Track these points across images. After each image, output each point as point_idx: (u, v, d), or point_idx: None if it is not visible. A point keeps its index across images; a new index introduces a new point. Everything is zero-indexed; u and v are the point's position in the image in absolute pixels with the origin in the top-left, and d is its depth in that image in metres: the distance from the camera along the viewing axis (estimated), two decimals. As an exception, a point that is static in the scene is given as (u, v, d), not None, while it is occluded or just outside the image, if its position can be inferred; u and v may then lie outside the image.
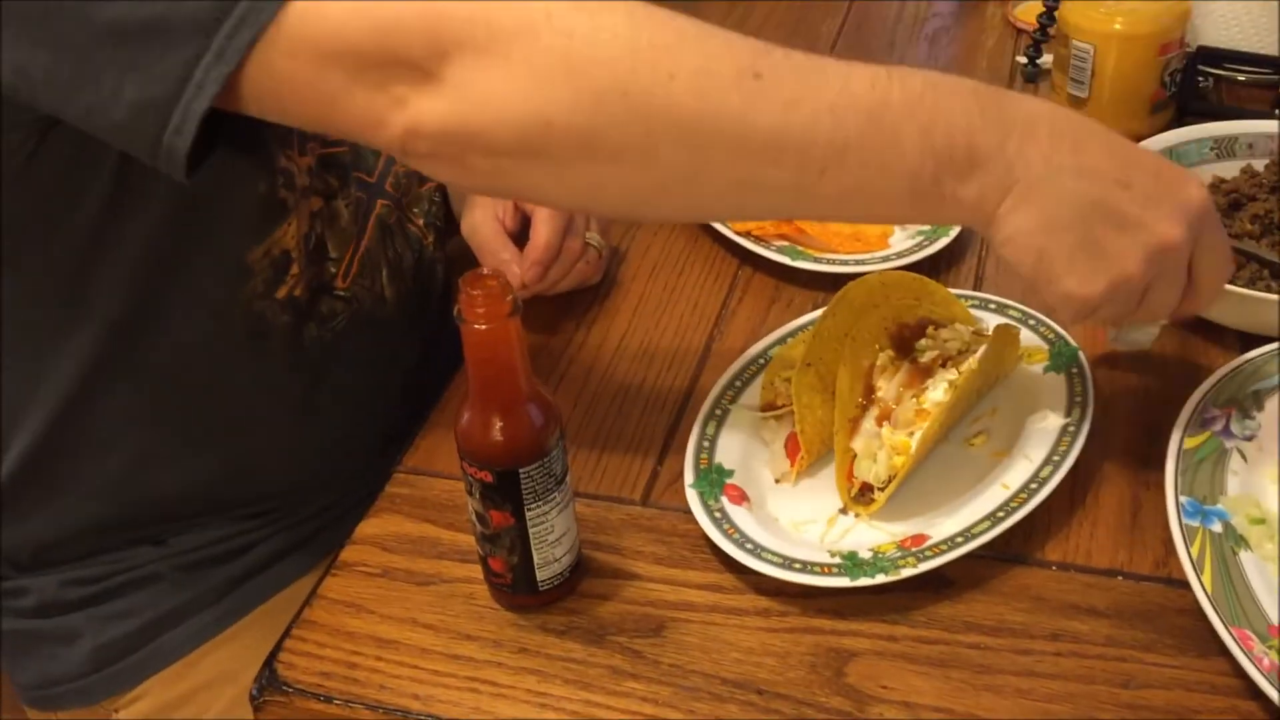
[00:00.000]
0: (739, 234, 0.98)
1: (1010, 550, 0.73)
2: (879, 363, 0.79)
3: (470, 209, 0.94)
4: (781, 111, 0.62)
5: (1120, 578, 0.72)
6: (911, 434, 0.75)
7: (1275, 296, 0.84)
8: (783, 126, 0.62)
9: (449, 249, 1.03)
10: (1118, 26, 1.06)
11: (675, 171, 0.64)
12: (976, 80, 0.67)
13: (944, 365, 0.78)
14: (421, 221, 0.98)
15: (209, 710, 0.89)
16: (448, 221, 1.01)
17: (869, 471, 0.75)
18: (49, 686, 0.90)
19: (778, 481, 0.79)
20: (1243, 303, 0.83)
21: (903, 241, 0.98)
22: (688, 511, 0.77)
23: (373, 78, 0.61)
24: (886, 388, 0.77)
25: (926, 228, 0.99)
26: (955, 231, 0.97)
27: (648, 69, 0.60)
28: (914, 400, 0.76)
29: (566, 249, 0.91)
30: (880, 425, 0.76)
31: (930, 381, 0.77)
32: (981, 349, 0.77)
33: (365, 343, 0.90)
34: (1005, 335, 0.80)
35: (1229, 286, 0.85)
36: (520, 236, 0.93)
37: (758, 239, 0.98)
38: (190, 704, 0.88)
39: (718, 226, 0.99)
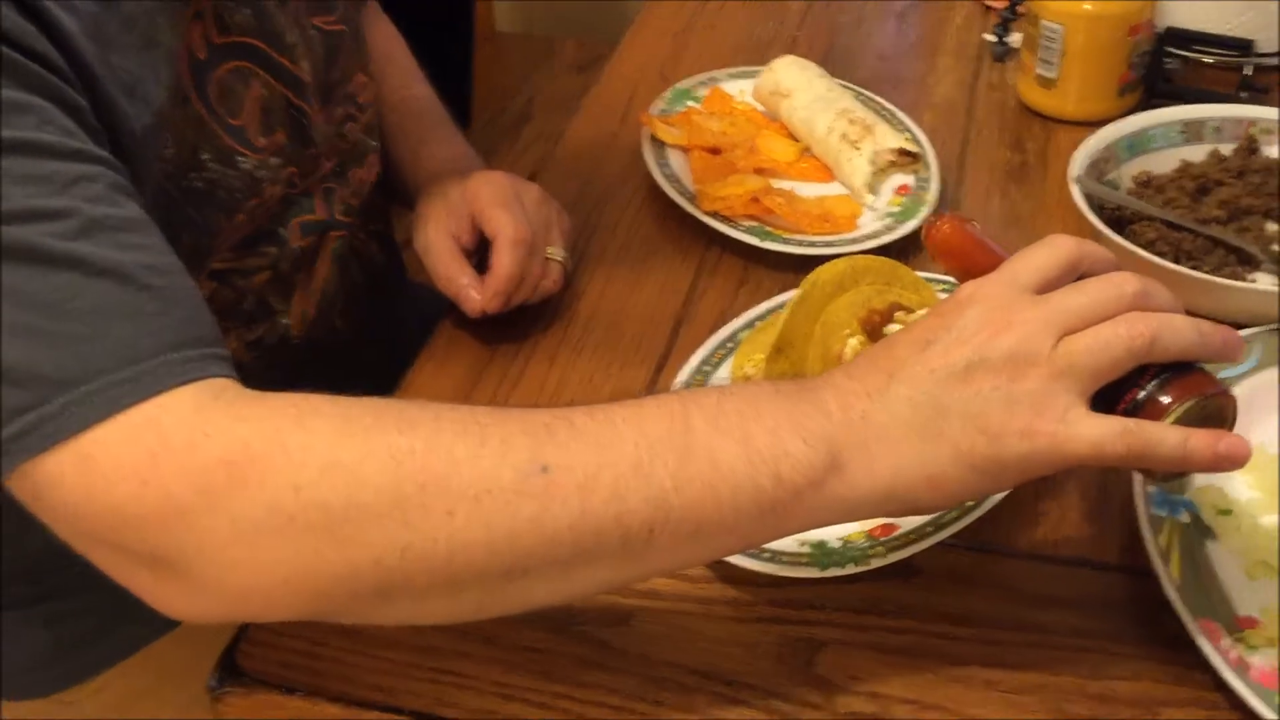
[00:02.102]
0: (707, 214, 0.97)
1: (979, 540, 0.73)
2: (849, 348, 0.78)
3: (423, 224, 0.90)
4: (580, 497, 0.55)
5: (1088, 568, 0.72)
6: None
7: (1245, 284, 0.84)
8: (588, 511, 0.55)
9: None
10: (1087, 6, 1.05)
11: (492, 592, 0.57)
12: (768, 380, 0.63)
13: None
14: (363, 235, 0.94)
15: (169, 704, 0.87)
16: (385, 220, 0.99)
17: (838, 459, 0.75)
18: (10, 676, 0.88)
19: (746, 468, 0.79)
20: (1211, 291, 0.83)
21: (871, 223, 0.97)
22: (655, 498, 0.76)
23: (124, 560, 0.56)
24: (856, 375, 0.77)
25: (896, 208, 0.98)
26: (924, 213, 0.96)
27: (420, 516, 0.54)
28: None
29: (528, 275, 0.87)
30: (850, 413, 0.75)
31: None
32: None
33: (313, 365, 0.89)
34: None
35: (1198, 274, 0.85)
36: (478, 252, 0.90)
37: (725, 219, 0.97)
38: (152, 697, 0.87)
39: (685, 206, 0.98)
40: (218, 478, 0.53)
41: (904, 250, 0.95)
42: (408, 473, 0.54)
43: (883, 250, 0.94)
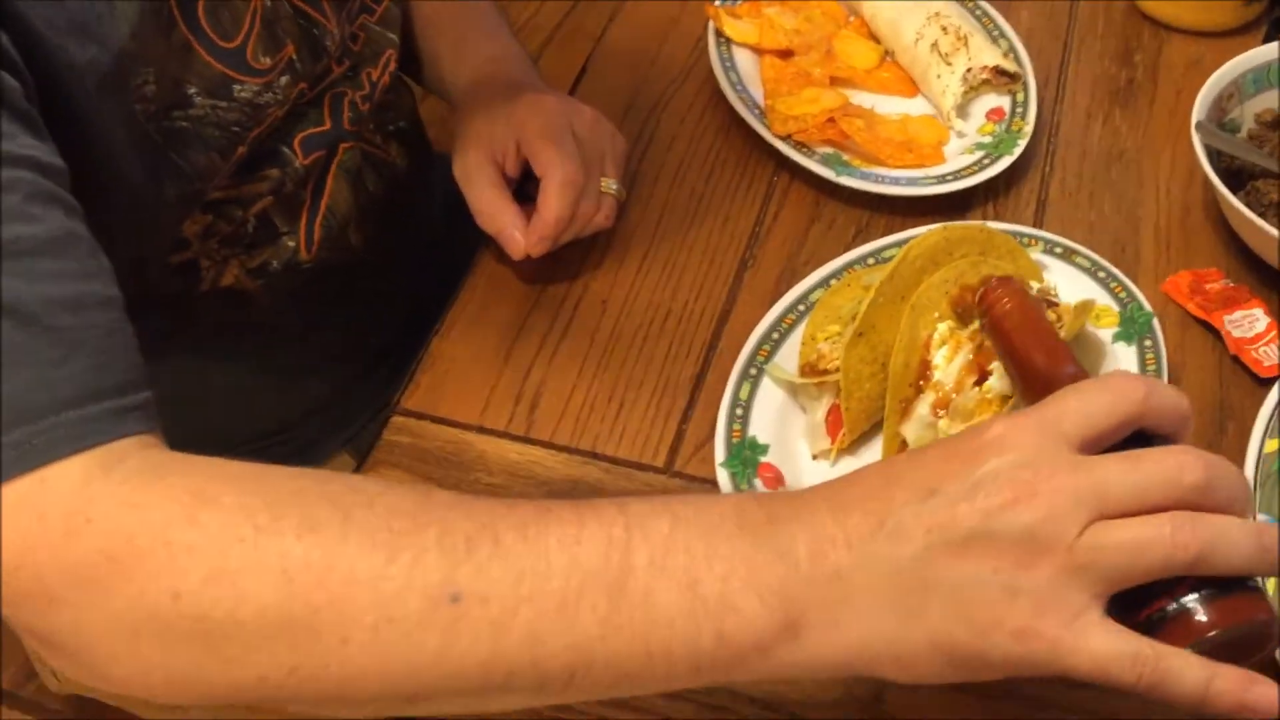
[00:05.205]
0: (778, 137, 0.87)
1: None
2: (938, 334, 0.71)
3: (463, 148, 0.81)
4: (493, 635, 0.48)
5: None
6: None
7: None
8: (499, 652, 0.48)
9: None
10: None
11: (395, 710, 0.51)
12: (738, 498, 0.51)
13: (1010, 344, 0.70)
14: (379, 138, 0.84)
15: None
16: (410, 115, 0.89)
17: (919, 463, 0.68)
18: None
19: (815, 458, 0.72)
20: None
21: (958, 154, 0.88)
22: (716, 485, 0.70)
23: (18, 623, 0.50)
24: (945, 370, 0.69)
25: (987, 138, 0.88)
26: (1019, 150, 0.86)
27: (310, 640, 0.47)
28: (976, 389, 0.68)
29: (578, 215, 0.78)
30: (937, 415, 0.69)
31: (994, 366, 0.69)
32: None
33: (331, 293, 0.82)
34: (1083, 314, 0.72)
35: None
36: (522, 185, 0.81)
37: (799, 144, 0.87)
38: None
39: (755, 126, 0.88)
40: (97, 572, 0.47)
41: (991, 190, 0.86)
42: (299, 591, 0.47)
43: (970, 192, 0.85)
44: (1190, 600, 0.48)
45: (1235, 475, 0.49)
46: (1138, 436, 0.49)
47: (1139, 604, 0.48)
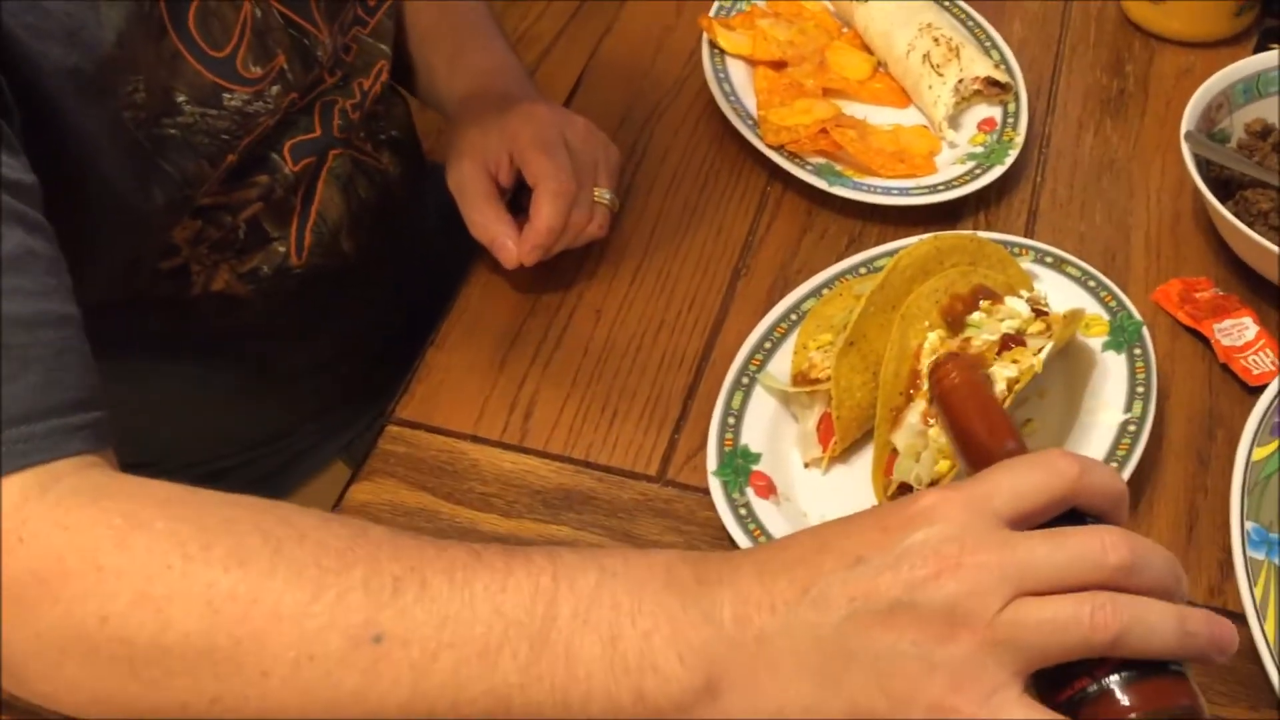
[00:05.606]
0: (771, 148, 0.88)
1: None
2: (928, 343, 0.71)
3: (457, 158, 0.82)
4: (413, 677, 0.48)
5: (1174, 611, 0.67)
6: (960, 437, 0.68)
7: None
8: (419, 694, 0.48)
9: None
10: (1209, -87, 0.93)
11: None
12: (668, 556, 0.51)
13: (1000, 353, 0.71)
14: (370, 147, 0.85)
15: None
16: (403, 125, 0.90)
17: (909, 472, 0.69)
18: None
19: (807, 466, 0.73)
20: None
21: (950, 164, 0.88)
22: (708, 494, 0.71)
23: None
24: (935, 378, 0.70)
25: (978, 148, 0.89)
26: (1011, 160, 0.87)
27: (231, 671, 0.47)
28: (966, 398, 0.69)
29: (571, 225, 0.79)
30: (927, 423, 0.69)
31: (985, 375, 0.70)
32: (1047, 348, 0.69)
33: (323, 300, 0.82)
34: (1073, 323, 0.72)
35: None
36: (516, 196, 0.82)
37: (792, 155, 0.88)
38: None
39: (748, 136, 0.88)
40: (26, 591, 0.48)
41: (982, 199, 0.87)
42: (223, 622, 0.47)
43: (962, 201, 0.86)
44: (1110, 682, 0.47)
45: (1163, 557, 0.49)
46: (1073, 515, 0.49)
47: (1062, 683, 0.48)
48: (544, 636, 0.48)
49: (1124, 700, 0.47)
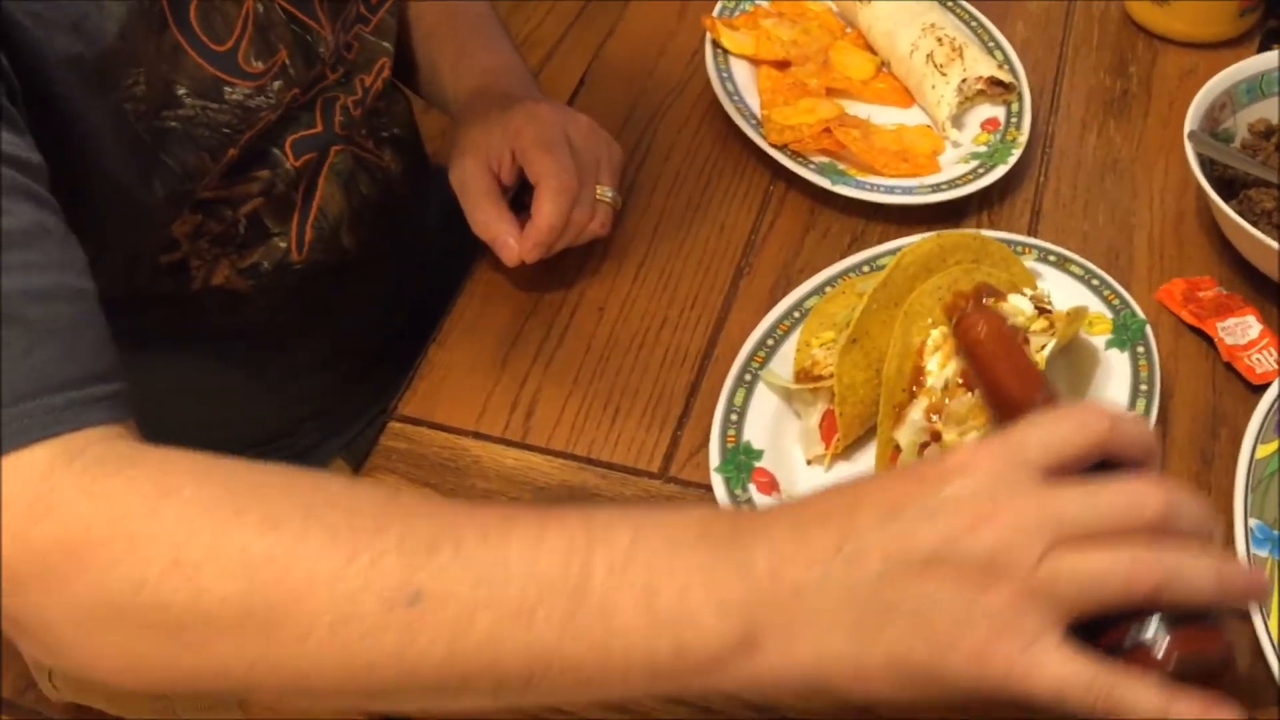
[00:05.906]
0: (775, 147, 0.88)
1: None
2: (931, 340, 0.71)
3: (460, 156, 0.81)
4: (450, 637, 0.48)
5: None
6: (963, 434, 0.68)
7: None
8: (457, 653, 0.48)
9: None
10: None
11: (356, 704, 0.52)
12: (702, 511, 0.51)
13: (1003, 351, 0.70)
14: (371, 143, 0.85)
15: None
16: (405, 122, 0.90)
17: (913, 468, 0.69)
18: None
19: (809, 463, 0.73)
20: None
21: (953, 164, 0.88)
22: (711, 490, 0.71)
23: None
24: (938, 375, 0.70)
25: (981, 147, 0.89)
26: (1014, 159, 0.87)
27: (269, 634, 0.48)
28: (968, 395, 0.69)
29: (572, 223, 0.79)
30: (930, 420, 0.69)
31: (987, 372, 0.70)
32: (1050, 345, 0.69)
33: (324, 296, 0.82)
34: (1076, 321, 0.72)
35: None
36: (519, 195, 0.82)
37: (795, 154, 0.88)
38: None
39: (751, 136, 0.88)
40: (56, 560, 0.48)
41: (985, 198, 0.87)
42: (259, 586, 0.47)
43: (965, 199, 0.86)
44: (1147, 630, 0.48)
45: (1197, 506, 0.49)
46: (1106, 466, 0.50)
47: (1099, 630, 0.48)
48: (580, 594, 0.48)
49: (1161, 648, 0.48)
